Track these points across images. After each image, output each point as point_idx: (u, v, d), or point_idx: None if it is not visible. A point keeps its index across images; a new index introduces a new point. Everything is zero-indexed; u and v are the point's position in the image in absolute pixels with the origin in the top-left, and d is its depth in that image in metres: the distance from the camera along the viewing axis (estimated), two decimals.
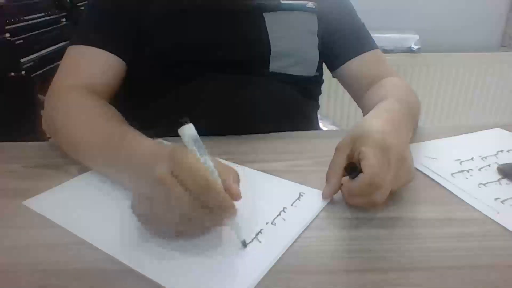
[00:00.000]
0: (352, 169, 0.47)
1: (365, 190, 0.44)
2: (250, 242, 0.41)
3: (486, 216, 0.46)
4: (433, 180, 0.54)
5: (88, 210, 0.47)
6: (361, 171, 0.44)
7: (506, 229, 0.44)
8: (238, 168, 0.56)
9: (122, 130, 0.54)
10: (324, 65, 0.84)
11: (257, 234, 0.42)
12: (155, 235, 0.41)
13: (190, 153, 0.39)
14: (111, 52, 0.68)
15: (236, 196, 0.40)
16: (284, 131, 0.69)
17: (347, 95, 0.83)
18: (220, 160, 0.44)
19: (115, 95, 0.71)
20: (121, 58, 0.70)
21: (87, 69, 0.67)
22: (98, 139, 0.54)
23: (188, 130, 0.39)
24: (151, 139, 0.50)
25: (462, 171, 0.56)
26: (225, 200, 0.38)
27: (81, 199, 0.49)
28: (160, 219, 0.39)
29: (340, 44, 0.80)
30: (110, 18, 0.71)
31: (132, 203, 0.41)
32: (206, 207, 0.37)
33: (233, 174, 0.42)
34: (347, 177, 0.47)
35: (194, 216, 0.38)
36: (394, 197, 0.47)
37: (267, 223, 0.44)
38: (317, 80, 0.84)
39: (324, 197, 0.49)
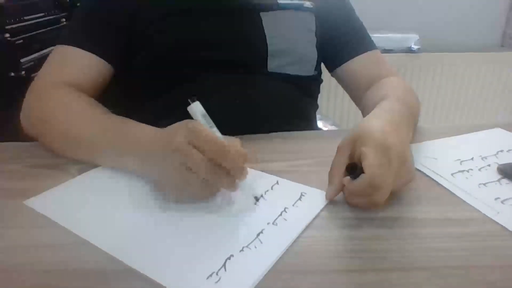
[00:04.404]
0: (353, 169, 0.46)
1: (366, 191, 0.44)
2: (251, 242, 0.41)
3: (486, 216, 0.46)
4: (433, 180, 0.54)
5: (88, 210, 0.47)
6: (362, 171, 0.44)
7: (506, 229, 0.44)
8: None
9: (119, 118, 0.58)
10: (322, 65, 0.84)
11: (258, 235, 0.42)
12: (174, 201, 0.47)
13: (203, 125, 0.45)
14: (97, 55, 0.68)
15: (246, 158, 0.45)
16: (283, 130, 0.69)
17: (347, 95, 0.83)
18: None
19: (114, 96, 0.71)
20: (107, 61, 0.69)
21: (70, 69, 0.67)
22: (99, 127, 0.57)
23: (197, 107, 0.46)
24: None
25: (462, 171, 0.56)
26: (240, 162, 0.44)
27: (82, 199, 0.49)
28: (181, 185, 0.45)
29: (339, 44, 0.80)
30: (100, 21, 0.70)
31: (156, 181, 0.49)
32: (223, 170, 0.44)
33: (237, 141, 0.48)
34: (348, 177, 0.47)
35: (213, 179, 0.44)
36: (394, 197, 0.47)
37: (268, 223, 0.44)
38: (316, 79, 0.84)
39: (327, 197, 0.48)
